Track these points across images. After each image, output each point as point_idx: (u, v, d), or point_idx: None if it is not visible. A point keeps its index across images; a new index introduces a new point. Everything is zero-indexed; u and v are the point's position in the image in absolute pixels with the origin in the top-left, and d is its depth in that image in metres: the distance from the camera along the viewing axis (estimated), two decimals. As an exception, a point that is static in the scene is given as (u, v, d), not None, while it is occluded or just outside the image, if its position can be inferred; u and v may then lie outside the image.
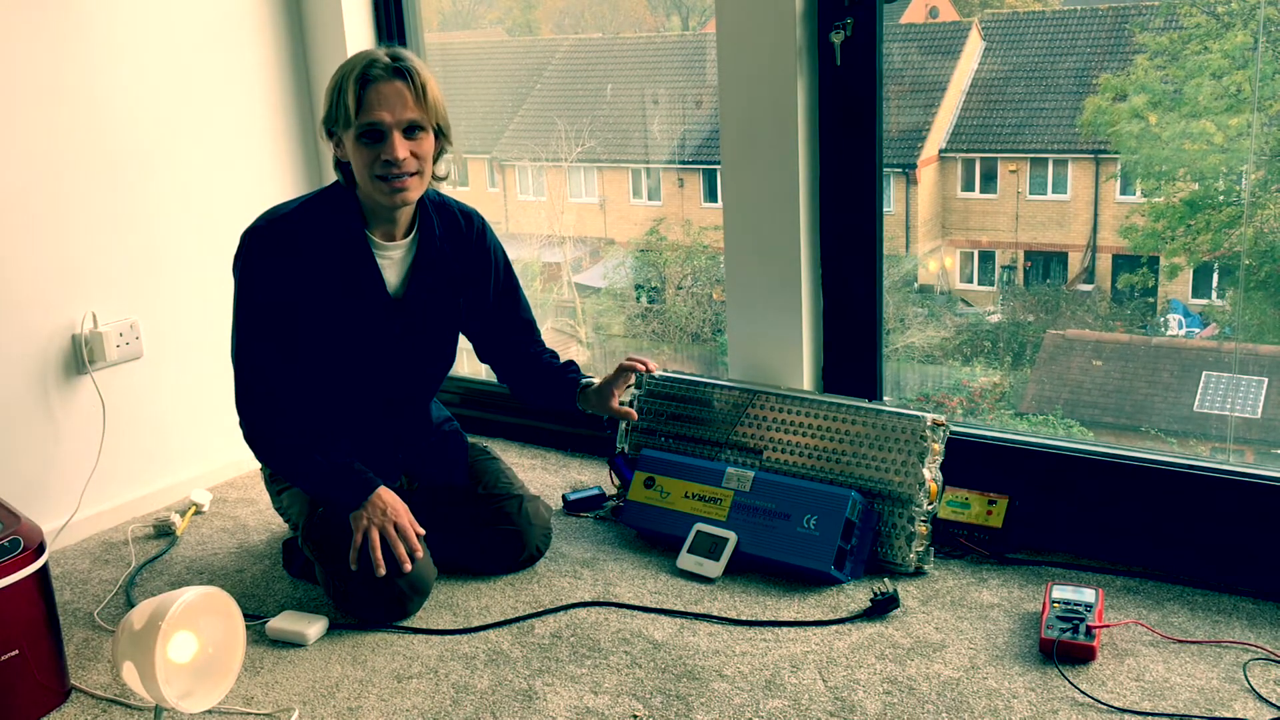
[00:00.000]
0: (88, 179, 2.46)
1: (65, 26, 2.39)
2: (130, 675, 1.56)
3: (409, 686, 1.80)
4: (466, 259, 2.16)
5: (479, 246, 2.19)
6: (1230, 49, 2.21)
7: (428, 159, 1.97)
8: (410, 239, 2.07)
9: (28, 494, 2.37)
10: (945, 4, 2.79)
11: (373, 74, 1.90)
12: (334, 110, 1.94)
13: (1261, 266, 2.33)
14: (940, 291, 2.88)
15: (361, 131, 1.91)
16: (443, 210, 2.14)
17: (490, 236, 2.22)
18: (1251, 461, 2.35)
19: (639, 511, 2.28)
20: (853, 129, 2.24)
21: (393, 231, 2.05)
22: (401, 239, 2.06)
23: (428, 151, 1.97)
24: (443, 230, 2.12)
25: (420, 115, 1.93)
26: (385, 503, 1.99)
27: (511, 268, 2.29)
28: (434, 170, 2.02)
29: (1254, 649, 1.76)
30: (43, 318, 2.41)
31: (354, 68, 1.91)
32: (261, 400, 2.01)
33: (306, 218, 2.01)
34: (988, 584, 2.02)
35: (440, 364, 2.22)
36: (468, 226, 2.17)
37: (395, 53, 1.95)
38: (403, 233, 2.06)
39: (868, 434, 2.13)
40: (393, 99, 1.90)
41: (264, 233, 2.00)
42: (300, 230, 1.99)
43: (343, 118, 1.92)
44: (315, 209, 2.02)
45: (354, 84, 1.90)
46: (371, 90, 1.90)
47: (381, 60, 1.92)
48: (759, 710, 1.67)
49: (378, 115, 1.90)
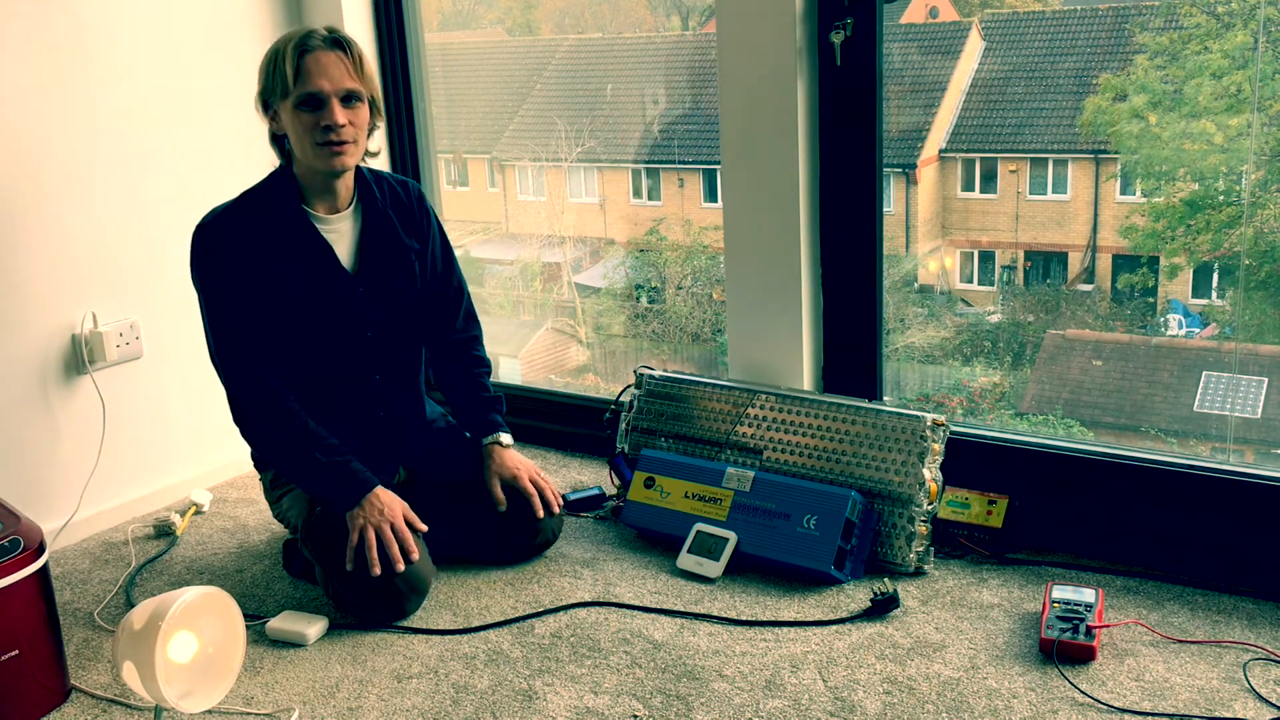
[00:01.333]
0: (88, 179, 2.46)
1: (65, 27, 2.39)
2: (130, 675, 1.56)
3: (409, 686, 1.80)
4: (411, 225, 2.18)
5: (421, 211, 2.21)
6: (1230, 49, 2.21)
7: (364, 129, 2.01)
8: (353, 209, 2.10)
9: (28, 494, 2.37)
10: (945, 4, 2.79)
11: (311, 44, 1.93)
12: (271, 81, 1.96)
13: (1261, 266, 2.33)
14: (940, 291, 2.88)
15: (301, 100, 1.94)
16: (379, 181, 2.17)
17: (427, 202, 2.25)
18: (1251, 461, 2.35)
19: (639, 511, 2.28)
20: (853, 129, 2.24)
21: (334, 204, 2.07)
22: (345, 210, 2.08)
23: (363, 122, 2.00)
24: (384, 199, 2.14)
25: (357, 85, 1.97)
26: (382, 502, 1.99)
27: (445, 238, 2.29)
28: (366, 145, 2.05)
29: (1254, 649, 1.76)
30: (43, 318, 2.41)
31: (291, 38, 1.95)
32: (250, 398, 2.02)
33: (246, 205, 2.04)
34: (988, 584, 2.02)
35: (410, 340, 2.21)
36: (406, 194, 2.20)
37: (330, 27, 1.99)
38: (345, 204, 2.08)
39: (868, 434, 2.13)
40: (331, 68, 1.93)
41: (209, 229, 2.02)
42: (243, 218, 2.02)
43: (280, 87, 1.94)
44: (254, 197, 2.06)
45: (293, 53, 1.93)
46: (310, 59, 1.93)
47: (319, 32, 1.96)
48: (759, 710, 1.67)
49: (317, 84, 1.93)
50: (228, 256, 2.00)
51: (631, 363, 3.35)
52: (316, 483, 2.02)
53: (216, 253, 2.00)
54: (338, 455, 2.01)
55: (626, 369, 3.41)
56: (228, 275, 2.00)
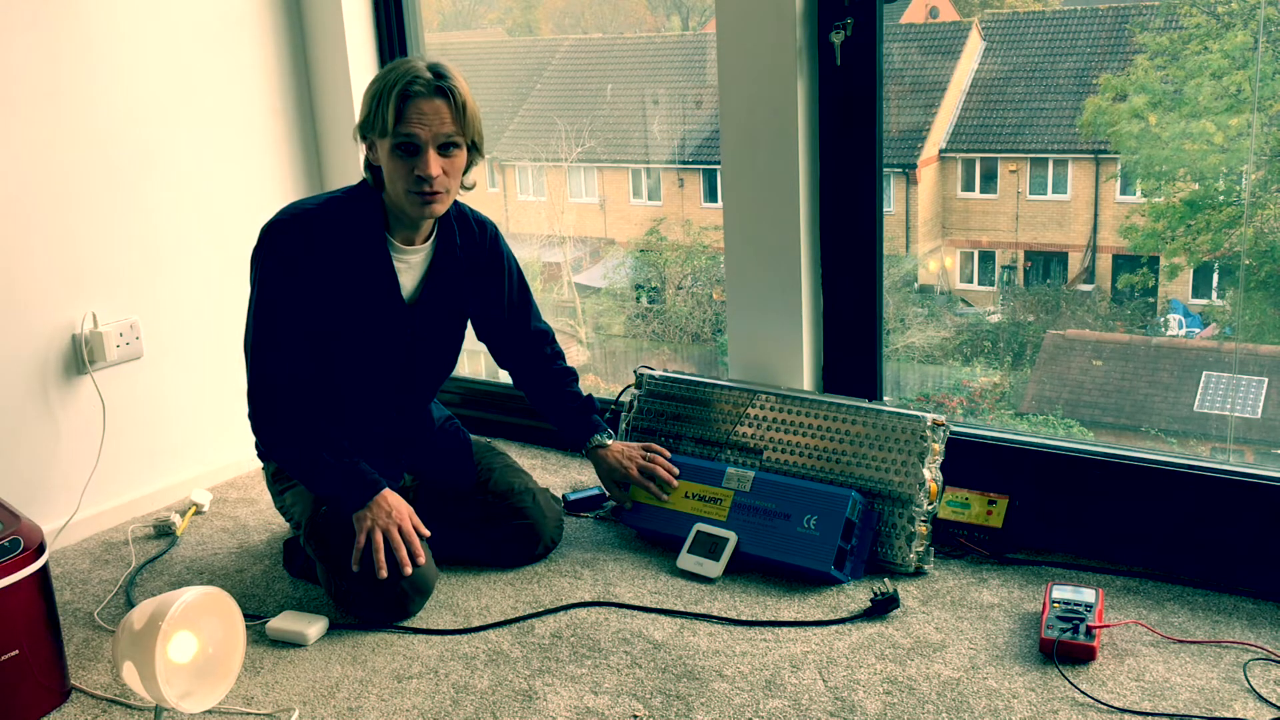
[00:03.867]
0: (88, 179, 2.46)
1: (65, 27, 2.39)
2: (130, 675, 1.56)
3: (409, 686, 1.80)
4: (479, 267, 2.18)
5: (492, 254, 2.20)
6: (1230, 49, 2.21)
7: (458, 175, 1.99)
8: (429, 244, 2.08)
9: (28, 494, 2.37)
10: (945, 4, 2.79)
11: (414, 90, 1.89)
12: (371, 116, 1.93)
13: (1261, 266, 2.33)
14: (940, 291, 2.88)
15: (397, 143, 1.91)
16: (461, 218, 2.15)
17: (503, 244, 2.24)
18: (1251, 461, 2.35)
19: (639, 511, 2.28)
20: (853, 129, 2.24)
21: (413, 237, 2.06)
22: (421, 244, 2.07)
23: (459, 167, 1.98)
24: (462, 239, 2.13)
25: (456, 132, 1.93)
26: (390, 504, 1.99)
27: (524, 276, 2.30)
28: (463, 180, 2.03)
29: (1254, 649, 1.76)
30: (43, 318, 2.41)
31: (396, 81, 1.90)
32: (273, 394, 2.01)
33: (328, 215, 2.00)
34: (988, 584, 2.02)
35: (445, 367, 2.23)
36: (481, 234, 2.18)
37: (437, 67, 1.93)
38: (423, 238, 2.07)
39: (868, 434, 2.13)
40: (431, 116, 1.90)
41: (284, 227, 1.99)
42: (321, 227, 1.99)
43: (379, 126, 1.91)
44: (338, 208, 2.02)
45: (396, 97, 1.89)
46: (411, 106, 1.89)
47: (424, 76, 1.91)
48: (759, 710, 1.67)
49: (415, 130, 1.90)
50: (294, 265, 1.97)
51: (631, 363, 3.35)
52: (324, 483, 2.02)
53: (283, 257, 1.97)
54: (346, 456, 2.01)
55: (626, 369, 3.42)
56: (287, 281, 1.97)
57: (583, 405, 2.32)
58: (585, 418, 2.31)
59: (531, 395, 2.37)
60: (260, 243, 2.01)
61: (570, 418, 2.32)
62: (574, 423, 2.31)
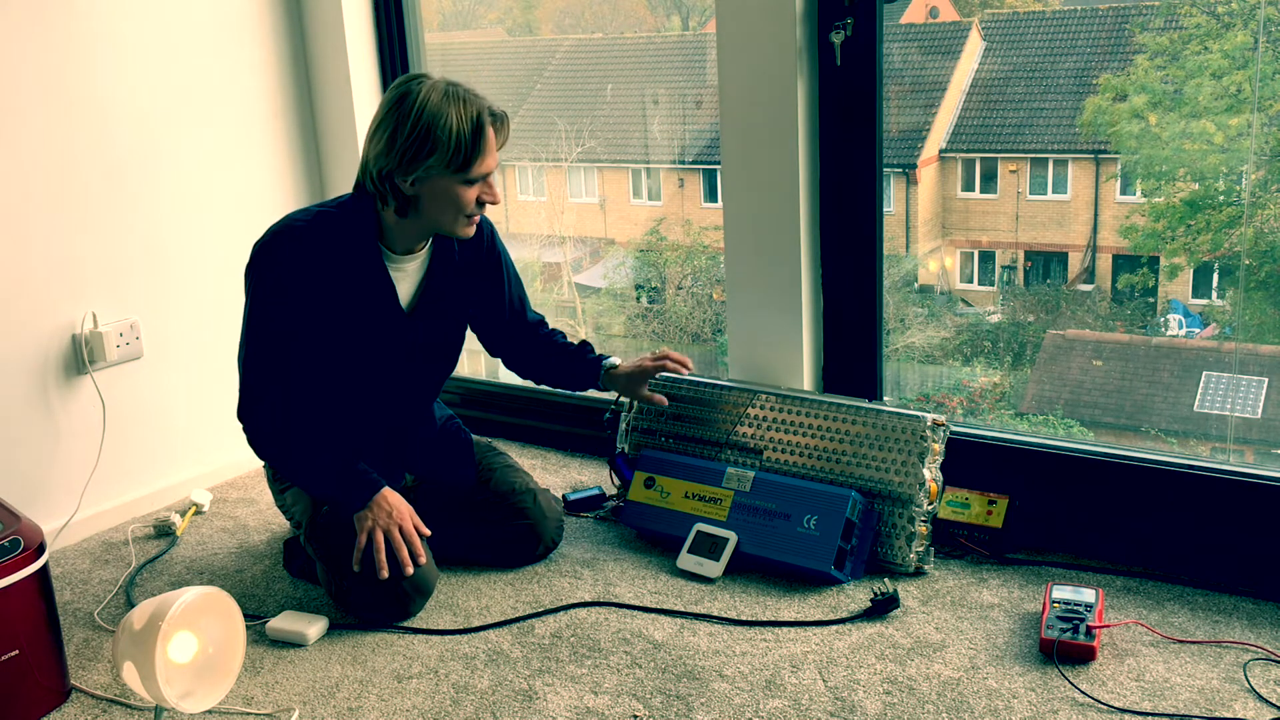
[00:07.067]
0: (88, 179, 2.46)
1: (65, 28, 2.39)
2: (130, 675, 1.56)
3: (409, 686, 1.80)
4: (479, 269, 2.18)
5: (490, 253, 2.20)
6: (1230, 49, 2.21)
7: None
8: (425, 251, 2.09)
9: (28, 494, 2.37)
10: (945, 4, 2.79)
11: (493, 125, 1.93)
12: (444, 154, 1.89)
13: (1261, 266, 2.33)
14: (940, 291, 2.88)
15: (475, 178, 1.94)
16: None
17: (498, 242, 2.24)
18: (1251, 461, 2.35)
19: (639, 511, 2.28)
20: (853, 129, 2.24)
21: (413, 247, 2.06)
22: (419, 252, 2.07)
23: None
24: (460, 243, 2.13)
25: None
26: (390, 504, 1.99)
27: (515, 269, 2.30)
28: None
29: (1254, 649, 1.76)
30: (43, 318, 2.41)
31: (469, 117, 1.89)
32: (266, 407, 2.01)
33: (319, 230, 1.99)
34: (988, 584, 2.02)
35: (446, 369, 2.23)
36: (479, 235, 2.18)
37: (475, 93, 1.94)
38: (421, 247, 2.08)
39: (868, 434, 2.13)
40: (495, 148, 1.96)
41: (276, 245, 1.98)
42: (313, 242, 1.98)
43: (456, 163, 1.90)
44: (329, 221, 2.00)
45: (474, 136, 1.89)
46: (486, 140, 1.92)
47: (488, 107, 1.93)
48: (759, 710, 1.67)
49: (489, 166, 1.95)
50: (288, 279, 1.96)
51: (631, 363, 3.34)
52: (324, 484, 2.02)
53: (277, 272, 1.97)
54: (345, 457, 2.01)
55: (626, 369, 3.41)
56: (281, 295, 1.97)
57: (580, 347, 2.33)
58: (587, 355, 2.32)
59: (532, 371, 2.37)
60: (252, 262, 2.00)
61: (576, 364, 2.32)
62: (581, 365, 2.31)
